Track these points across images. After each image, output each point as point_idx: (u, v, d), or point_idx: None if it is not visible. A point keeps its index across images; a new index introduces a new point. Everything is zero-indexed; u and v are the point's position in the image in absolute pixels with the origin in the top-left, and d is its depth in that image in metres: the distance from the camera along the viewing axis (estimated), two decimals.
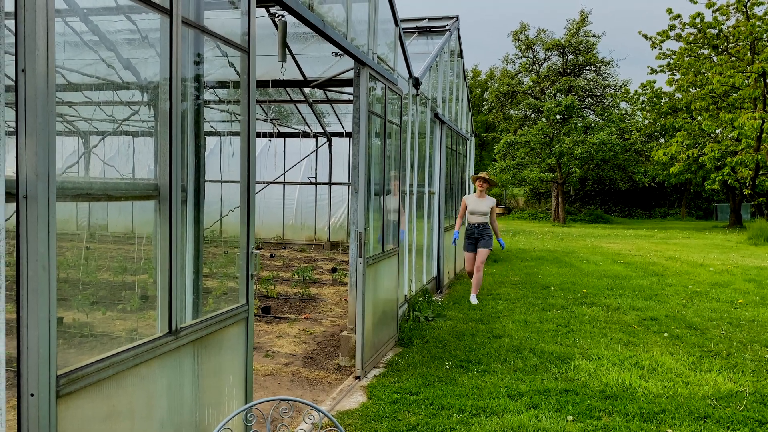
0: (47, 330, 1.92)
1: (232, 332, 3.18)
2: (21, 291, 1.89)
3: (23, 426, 1.89)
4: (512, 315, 7.95)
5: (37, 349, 1.89)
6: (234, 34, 3.22)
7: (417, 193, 8.20)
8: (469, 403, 4.64)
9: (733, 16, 25.98)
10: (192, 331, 2.75)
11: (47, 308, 1.92)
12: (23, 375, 1.89)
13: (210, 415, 2.98)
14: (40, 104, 1.87)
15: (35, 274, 1.89)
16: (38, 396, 1.90)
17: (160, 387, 2.55)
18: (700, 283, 10.99)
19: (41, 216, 1.89)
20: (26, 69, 1.85)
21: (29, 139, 1.87)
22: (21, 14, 1.83)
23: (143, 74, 5.67)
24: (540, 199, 40.41)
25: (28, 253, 1.89)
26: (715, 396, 4.93)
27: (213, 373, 3.00)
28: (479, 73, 47.86)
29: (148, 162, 2.79)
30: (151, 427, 2.49)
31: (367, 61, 5.21)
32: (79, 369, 2.08)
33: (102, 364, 2.17)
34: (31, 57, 1.85)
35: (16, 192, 1.87)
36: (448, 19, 10.85)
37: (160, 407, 2.56)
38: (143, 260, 6.17)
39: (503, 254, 15.40)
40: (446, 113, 10.43)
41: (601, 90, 35.25)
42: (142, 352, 2.40)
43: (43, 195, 1.90)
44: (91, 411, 2.15)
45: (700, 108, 26.12)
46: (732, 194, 30.15)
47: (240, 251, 3.27)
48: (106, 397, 2.21)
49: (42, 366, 1.90)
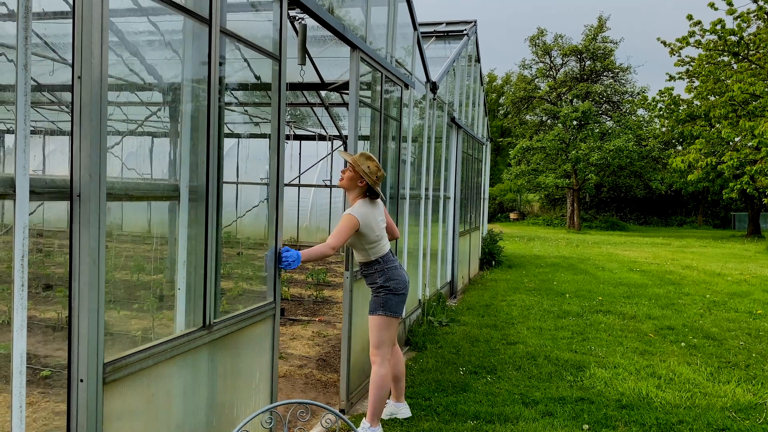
0: (96, 320, 2.04)
1: (260, 329, 3.30)
2: (73, 284, 2.01)
3: (72, 409, 2.01)
4: (527, 321, 7.89)
5: (87, 338, 2.01)
6: (255, 36, 3.24)
7: (432, 197, 8.18)
8: (484, 410, 4.61)
9: (754, 24, 25.69)
10: (224, 326, 2.87)
11: (97, 300, 2.03)
12: (73, 362, 2.01)
13: (238, 408, 3.10)
14: (95, 109, 1.99)
15: (87, 267, 2.01)
16: (87, 382, 2.02)
17: (193, 378, 2.67)
18: (717, 292, 10.85)
19: (93, 214, 2.01)
20: (82, 76, 1.97)
21: (84, 141, 1.99)
22: (78, 25, 1.95)
23: (165, 76, 5.71)
24: (555, 205, 40.15)
25: (80, 249, 2.01)
26: (734, 408, 4.86)
27: (241, 367, 3.12)
28: (495, 77, 47.75)
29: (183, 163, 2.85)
30: (185, 415, 2.61)
31: (388, 67, 5.21)
32: (124, 358, 2.20)
33: (143, 355, 2.30)
34: (87, 65, 1.97)
35: (70, 191, 1.99)
36: (465, 24, 10.84)
37: (193, 397, 2.68)
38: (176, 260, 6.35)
39: (518, 260, 15.32)
40: (463, 118, 10.40)
41: (619, 96, 34.99)
42: (179, 344, 2.53)
43: (95, 194, 2.02)
44: (132, 397, 2.28)
45: (719, 116, 25.82)
46: (750, 203, 29.77)
47: (269, 251, 3.42)
48: (145, 386, 2.35)
49: (91, 354, 2.02)
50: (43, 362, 4.93)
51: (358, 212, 4.01)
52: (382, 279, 4.10)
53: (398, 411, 4.44)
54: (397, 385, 4.43)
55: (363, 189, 4.07)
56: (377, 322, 4.09)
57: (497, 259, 14.14)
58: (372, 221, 4.07)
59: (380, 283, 4.10)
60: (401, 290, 4.13)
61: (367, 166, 4.01)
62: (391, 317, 4.09)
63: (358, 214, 4.00)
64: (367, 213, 4.05)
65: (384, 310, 4.07)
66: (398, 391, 4.46)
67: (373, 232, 4.07)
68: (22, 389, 1.85)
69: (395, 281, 4.11)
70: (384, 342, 4.10)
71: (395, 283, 4.10)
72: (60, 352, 5.23)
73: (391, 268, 4.13)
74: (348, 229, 3.93)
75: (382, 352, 4.10)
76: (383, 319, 4.08)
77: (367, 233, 4.03)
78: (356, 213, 4.00)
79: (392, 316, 4.09)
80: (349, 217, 3.96)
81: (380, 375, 4.08)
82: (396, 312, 4.10)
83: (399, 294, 4.11)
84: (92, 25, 1.96)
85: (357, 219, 3.97)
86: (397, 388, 4.44)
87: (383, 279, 4.10)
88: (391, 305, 4.08)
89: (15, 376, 1.84)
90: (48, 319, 6.15)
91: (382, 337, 4.09)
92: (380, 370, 4.08)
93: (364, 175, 3.99)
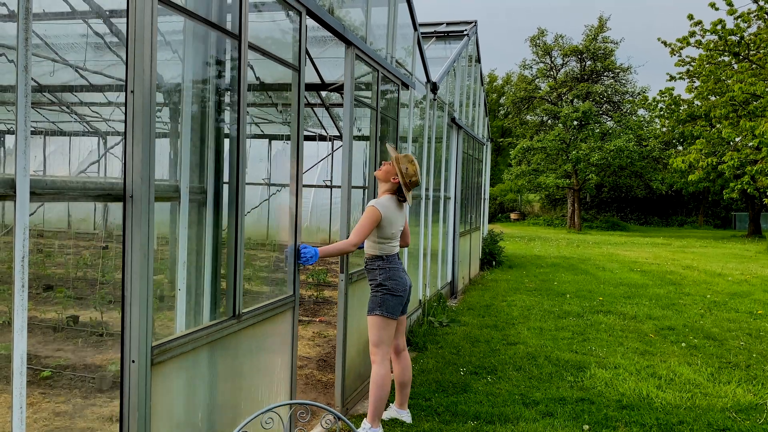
0: (146, 307, 2.25)
1: (282, 319, 3.54)
2: (125, 275, 2.22)
3: (125, 386, 2.26)
4: (527, 322, 7.89)
5: (138, 323, 2.23)
6: (257, 38, 3.25)
7: (433, 197, 8.18)
8: (484, 410, 4.61)
9: (755, 24, 25.68)
10: (251, 316, 3.10)
11: (146, 289, 2.24)
12: (126, 344, 2.24)
13: (261, 392, 3.32)
14: (145, 120, 2.20)
15: (138, 261, 2.21)
16: (138, 362, 2.24)
17: (224, 362, 2.89)
18: (718, 292, 10.84)
19: (143, 213, 2.22)
20: (135, 90, 2.20)
21: (136, 148, 2.20)
22: (131, 45, 2.20)
23: (165, 77, 5.70)
24: (555, 206, 40.14)
25: (132, 244, 2.22)
26: (735, 408, 4.85)
27: (265, 355, 3.36)
28: (496, 78, 47.75)
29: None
30: (216, 395, 2.85)
31: (385, 65, 5.21)
32: (167, 342, 2.43)
33: (183, 340, 2.53)
34: (140, 81, 2.19)
35: (123, 193, 2.21)
36: (466, 24, 10.84)
37: (224, 379, 2.92)
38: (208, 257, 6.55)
39: (519, 260, 15.32)
40: (463, 118, 10.41)
41: (619, 96, 34.98)
42: (212, 332, 2.76)
43: (145, 195, 2.23)
44: (174, 378, 2.52)
45: (719, 116, 25.81)
46: (751, 203, 29.75)
47: (288, 248, 3.67)
48: (185, 368, 2.58)
49: (141, 338, 2.24)
50: (43, 363, 4.93)
51: (381, 204, 4.08)
52: (382, 277, 4.10)
53: (400, 417, 4.41)
54: (402, 391, 4.39)
55: (394, 186, 4.16)
56: (375, 321, 4.07)
57: (498, 259, 14.14)
58: (393, 218, 4.12)
59: (379, 281, 4.10)
60: (399, 292, 4.11)
61: (405, 167, 4.10)
62: (388, 318, 4.06)
63: (381, 206, 4.06)
64: (390, 208, 4.12)
65: (381, 309, 4.06)
66: (402, 398, 4.40)
67: (390, 229, 4.12)
68: (22, 390, 1.86)
69: (394, 281, 4.10)
70: (383, 341, 4.07)
71: (394, 284, 4.10)
72: (60, 353, 5.23)
73: (393, 269, 4.14)
74: (370, 222, 3.98)
75: (382, 351, 4.08)
76: (380, 319, 4.06)
77: (384, 227, 4.08)
78: (379, 205, 4.06)
79: (389, 316, 4.06)
80: (373, 209, 4.02)
81: (380, 375, 4.05)
82: (393, 313, 4.08)
83: (396, 295, 4.09)
84: (143, 48, 2.19)
85: (380, 211, 4.03)
86: (401, 394, 4.39)
87: (383, 277, 4.10)
88: (388, 305, 4.06)
89: (15, 377, 1.84)
90: (48, 320, 6.16)
91: (380, 336, 4.07)
92: (380, 370, 4.05)
93: (399, 174, 4.08)
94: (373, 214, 4.00)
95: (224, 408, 2.92)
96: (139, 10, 2.19)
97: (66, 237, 11.96)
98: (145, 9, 2.19)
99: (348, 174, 4.50)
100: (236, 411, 3.03)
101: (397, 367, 4.36)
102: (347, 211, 4.54)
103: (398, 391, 4.40)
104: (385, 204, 4.10)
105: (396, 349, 4.36)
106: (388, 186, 4.18)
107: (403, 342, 4.40)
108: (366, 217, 3.99)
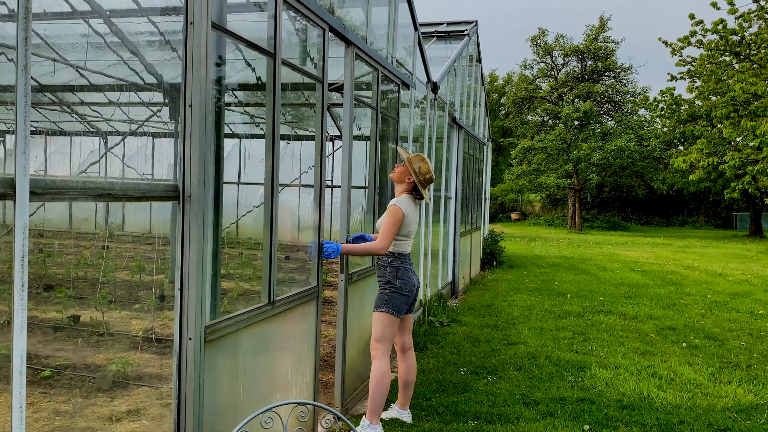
0: (201, 292, 2.56)
1: (307, 307, 3.86)
2: (183, 265, 2.52)
3: (182, 360, 2.56)
4: (528, 322, 7.89)
5: (195, 305, 2.54)
6: (258, 38, 3.27)
7: (433, 197, 8.18)
8: (484, 410, 4.61)
9: (756, 23, 25.65)
10: (283, 303, 3.42)
11: (202, 276, 2.56)
12: (183, 325, 2.55)
13: (290, 373, 3.64)
14: (201, 129, 2.53)
15: (195, 251, 2.52)
16: (194, 339, 2.55)
17: (260, 343, 3.24)
18: (719, 293, 10.83)
19: (199, 210, 2.54)
20: (192, 105, 2.51)
21: (194, 154, 2.52)
22: (189, 65, 2.52)
23: (165, 77, 5.71)
24: (556, 206, 40.12)
25: (190, 237, 2.53)
26: (735, 408, 4.85)
27: (293, 338, 3.68)
28: (496, 78, 47.74)
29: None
30: (254, 370, 3.19)
31: (385, 64, 5.21)
32: (217, 323, 2.75)
33: (229, 321, 2.84)
34: (197, 96, 2.52)
35: (182, 193, 2.52)
36: (466, 24, 10.84)
37: (260, 359, 3.25)
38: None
39: (519, 260, 15.32)
40: (464, 118, 10.40)
41: (620, 96, 34.97)
42: (252, 315, 3.07)
43: (201, 195, 2.54)
44: (222, 355, 2.83)
45: (720, 116, 25.79)
46: (752, 203, 29.73)
47: (312, 243, 4.04)
48: (229, 347, 2.90)
49: (197, 318, 2.55)
50: (44, 362, 4.94)
51: (403, 204, 4.16)
52: (391, 275, 4.15)
53: (401, 417, 4.41)
54: (406, 391, 4.40)
55: (410, 186, 4.24)
56: (380, 317, 4.12)
57: (498, 259, 14.14)
58: (411, 218, 4.20)
59: (388, 278, 4.15)
60: (406, 291, 4.16)
61: (418, 166, 4.19)
62: (394, 315, 4.11)
63: (403, 206, 4.14)
64: (410, 207, 4.20)
65: (387, 306, 4.11)
66: (405, 398, 4.41)
67: (407, 228, 4.18)
68: (22, 389, 1.85)
69: (402, 281, 4.15)
70: (385, 338, 4.11)
71: (402, 283, 4.14)
72: (61, 353, 5.23)
73: (403, 268, 4.19)
74: (395, 224, 4.08)
75: (382, 347, 4.11)
76: (386, 315, 4.11)
77: (403, 225, 4.14)
78: (401, 204, 4.14)
79: (395, 314, 4.11)
80: (395, 209, 4.10)
81: (380, 370, 4.07)
82: (399, 311, 4.13)
83: (404, 294, 4.15)
84: (200, 68, 2.52)
85: (402, 211, 4.11)
86: (404, 394, 4.40)
87: (392, 275, 4.15)
88: (394, 303, 4.11)
89: (15, 377, 1.84)
90: (49, 320, 6.16)
91: (384, 333, 4.11)
92: (380, 366, 4.07)
93: (414, 173, 4.17)
94: (396, 214, 4.09)
95: (258, 383, 3.24)
96: (196, 34, 2.52)
97: (67, 237, 11.97)
98: (201, 34, 2.52)
99: (348, 174, 4.51)
100: (269, 386, 3.37)
101: (402, 366, 4.38)
102: (347, 212, 4.55)
103: (401, 390, 4.40)
104: (406, 203, 4.19)
105: (402, 347, 4.39)
106: (404, 186, 4.26)
107: (410, 340, 4.43)
108: (390, 220, 4.08)
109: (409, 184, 4.23)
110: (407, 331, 4.40)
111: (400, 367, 4.41)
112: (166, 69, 5.60)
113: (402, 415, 4.41)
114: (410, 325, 4.43)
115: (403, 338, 4.38)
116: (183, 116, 2.52)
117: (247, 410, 3.05)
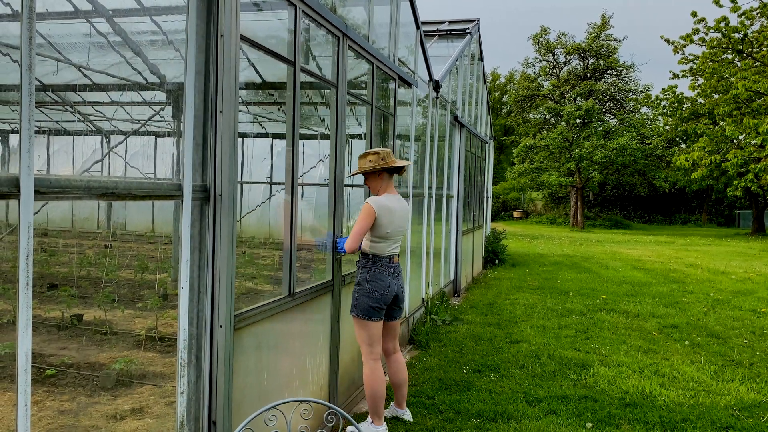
0: (231, 283, 2.76)
1: (324, 300, 4.07)
2: (215, 260, 2.72)
3: (214, 346, 2.75)
4: (530, 320, 7.89)
5: (225, 295, 2.74)
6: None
7: (435, 196, 8.18)
8: (487, 408, 4.61)
9: (758, 21, 25.60)
10: (302, 295, 3.65)
11: (231, 268, 2.76)
12: (215, 313, 2.75)
13: (307, 360, 3.82)
14: (231, 135, 2.73)
15: (225, 246, 2.73)
16: (225, 327, 2.75)
17: (281, 332, 3.47)
18: (721, 291, 10.82)
19: (230, 208, 2.75)
20: (223, 111, 2.71)
21: (224, 156, 2.72)
22: (221, 76, 2.70)
23: (168, 76, 5.72)
24: (559, 204, 40.09)
25: (221, 233, 2.73)
26: (738, 406, 4.85)
27: (311, 328, 3.87)
28: (498, 76, 47.69)
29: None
30: (276, 357, 3.40)
31: (380, 57, 5.21)
32: (244, 312, 2.97)
33: (255, 311, 3.08)
34: (227, 104, 2.71)
35: (213, 192, 2.72)
36: (468, 23, 10.83)
37: (282, 346, 3.47)
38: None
39: (521, 259, 15.31)
40: (465, 116, 10.40)
41: (622, 94, 34.92)
42: (274, 306, 3.31)
43: (230, 194, 2.75)
44: (248, 342, 3.05)
45: (723, 113, 25.74)
46: (755, 201, 29.68)
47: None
48: (255, 335, 3.13)
49: (228, 307, 2.75)
50: (48, 361, 4.95)
51: (378, 202, 3.92)
52: (361, 276, 3.99)
53: (399, 415, 4.39)
54: (398, 392, 4.33)
55: (385, 177, 4.03)
56: (354, 321, 4.02)
57: (501, 257, 14.13)
58: (386, 219, 3.93)
59: (359, 279, 4.00)
60: (376, 296, 3.92)
61: (368, 160, 4.00)
62: (363, 319, 3.94)
63: (377, 204, 3.91)
64: (386, 208, 3.94)
65: (356, 310, 3.96)
66: (399, 398, 4.36)
67: (383, 229, 3.93)
68: (27, 388, 1.86)
69: (373, 283, 3.94)
70: (364, 341, 4.00)
71: (371, 285, 3.93)
72: (65, 351, 5.25)
73: (379, 271, 3.97)
74: (364, 221, 3.86)
75: (365, 350, 4.02)
76: (356, 319, 3.98)
77: (379, 225, 3.90)
78: (375, 202, 3.91)
79: (364, 318, 3.93)
80: (366, 206, 3.89)
81: (366, 375, 4.01)
82: (370, 316, 3.93)
83: (372, 298, 3.92)
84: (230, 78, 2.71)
85: (374, 208, 3.88)
86: (397, 394, 4.35)
87: (362, 277, 3.98)
88: (362, 307, 3.92)
89: (20, 375, 1.85)
90: (53, 319, 6.18)
91: (361, 336, 4.00)
92: (365, 370, 4.01)
93: (372, 169, 3.98)
94: (366, 210, 3.88)
95: (279, 369, 3.45)
96: (227, 46, 2.70)
97: (70, 236, 11.99)
98: (231, 45, 2.71)
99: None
100: (290, 373, 3.58)
101: (390, 369, 4.33)
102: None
103: (394, 391, 4.38)
104: (380, 201, 3.93)
105: (386, 352, 4.29)
106: (382, 184, 4.05)
107: (394, 346, 4.30)
108: (360, 214, 3.90)
109: (383, 178, 4.02)
110: (390, 338, 4.26)
111: (388, 371, 4.38)
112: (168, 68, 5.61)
113: (399, 413, 4.39)
114: (395, 333, 4.28)
115: (386, 344, 4.26)
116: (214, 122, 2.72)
117: (270, 394, 3.28)
